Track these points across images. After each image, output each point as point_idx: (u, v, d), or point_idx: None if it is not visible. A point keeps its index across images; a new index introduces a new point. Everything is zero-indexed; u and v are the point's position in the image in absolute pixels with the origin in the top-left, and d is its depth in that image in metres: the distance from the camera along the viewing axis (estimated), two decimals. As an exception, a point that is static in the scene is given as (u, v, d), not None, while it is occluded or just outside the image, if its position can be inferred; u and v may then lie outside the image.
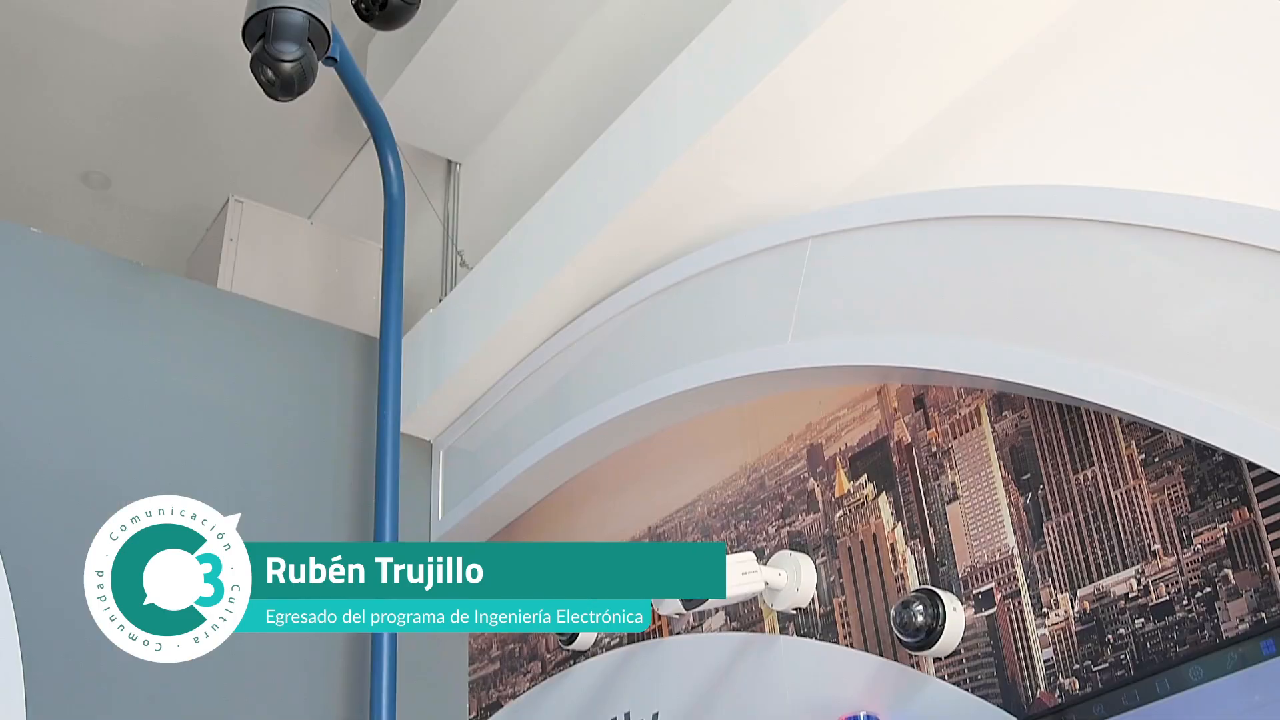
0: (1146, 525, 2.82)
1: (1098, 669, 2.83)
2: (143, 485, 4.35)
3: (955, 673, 3.12)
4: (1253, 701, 2.36)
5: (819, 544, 3.61)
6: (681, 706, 3.87)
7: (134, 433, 4.47)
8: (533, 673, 4.59)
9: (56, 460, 4.25)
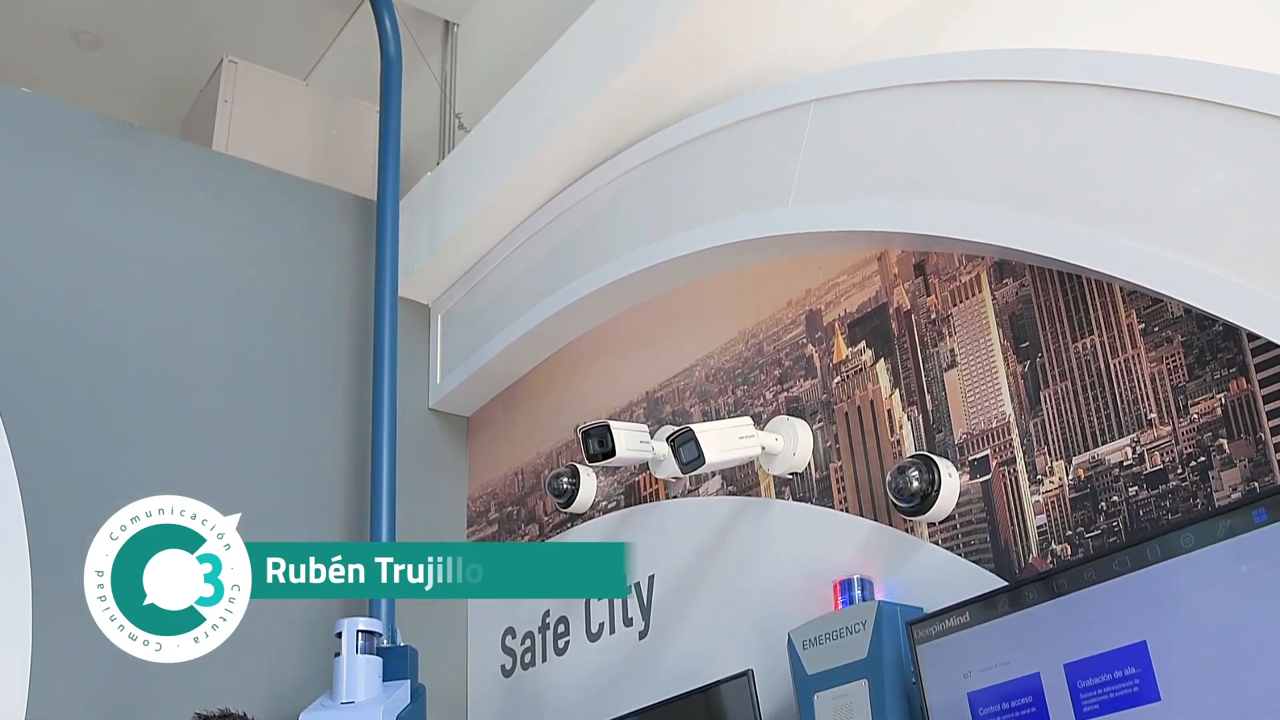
0: (1144, 394, 2.82)
1: (1090, 535, 2.86)
2: (136, 349, 4.39)
3: (949, 538, 3.15)
4: (1239, 571, 2.38)
5: (816, 409, 3.62)
6: (677, 569, 3.92)
7: (128, 295, 4.46)
8: (530, 535, 4.65)
9: (50, 322, 4.24)
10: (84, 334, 4.30)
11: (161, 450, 4.32)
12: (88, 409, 4.22)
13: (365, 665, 3.99)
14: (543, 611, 4.44)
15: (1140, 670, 2.49)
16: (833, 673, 3.05)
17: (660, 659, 3.90)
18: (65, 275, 4.34)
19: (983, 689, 2.75)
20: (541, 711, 4.31)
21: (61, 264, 4.35)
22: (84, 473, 4.13)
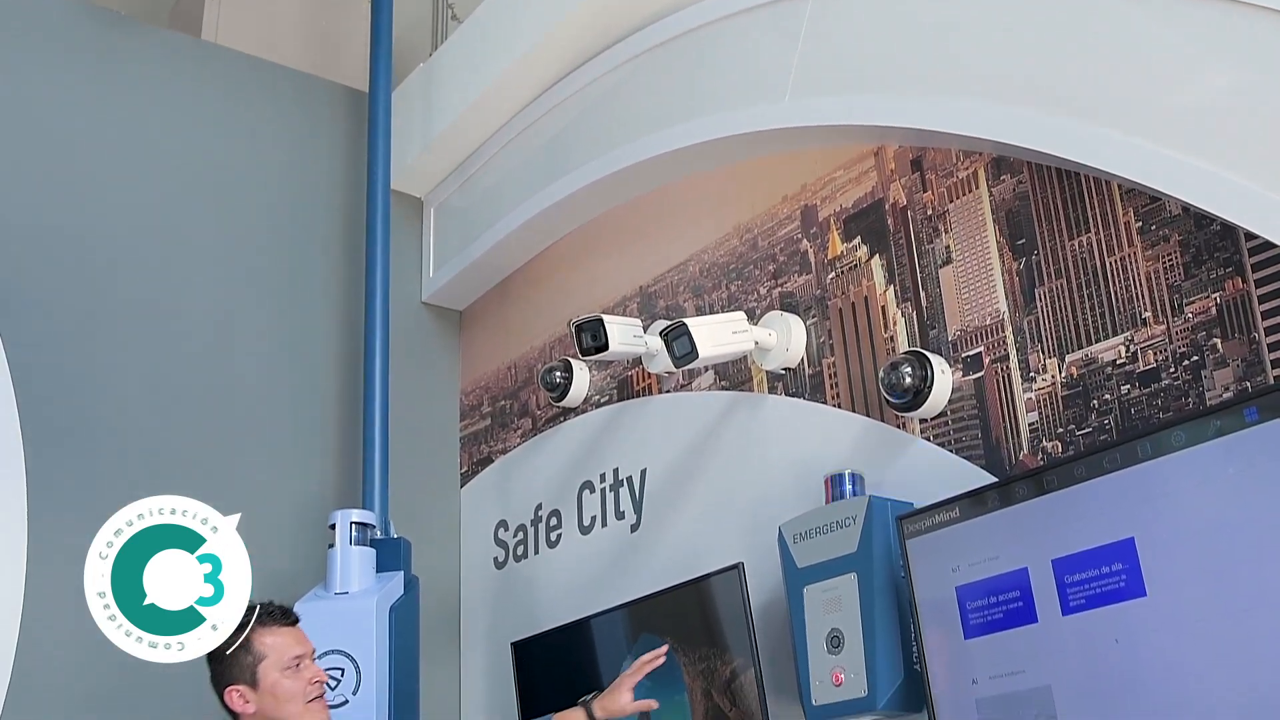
0: (1139, 293, 2.82)
1: (1081, 433, 2.87)
2: (125, 245, 4.36)
3: (940, 434, 3.16)
4: (1229, 470, 2.39)
5: (810, 305, 3.61)
6: (669, 463, 3.95)
7: (116, 190, 4.41)
8: (523, 428, 4.66)
9: (37, 218, 4.20)
10: (70, 229, 4.26)
11: (153, 348, 4.31)
12: (77, 306, 4.20)
13: (359, 557, 4.03)
14: (535, 504, 4.47)
15: (1127, 566, 2.52)
16: (822, 566, 3.08)
17: (652, 552, 3.93)
18: (51, 168, 4.29)
19: (971, 583, 2.79)
20: (533, 603, 4.36)
21: (47, 156, 4.29)
22: (75, 373, 4.13)
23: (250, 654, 2.67)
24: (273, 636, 2.70)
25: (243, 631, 2.67)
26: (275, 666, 2.67)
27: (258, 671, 2.66)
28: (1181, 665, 2.41)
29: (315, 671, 2.72)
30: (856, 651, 2.97)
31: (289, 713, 2.66)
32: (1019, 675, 2.68)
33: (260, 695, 2.66)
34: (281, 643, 2.70)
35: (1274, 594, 2.30)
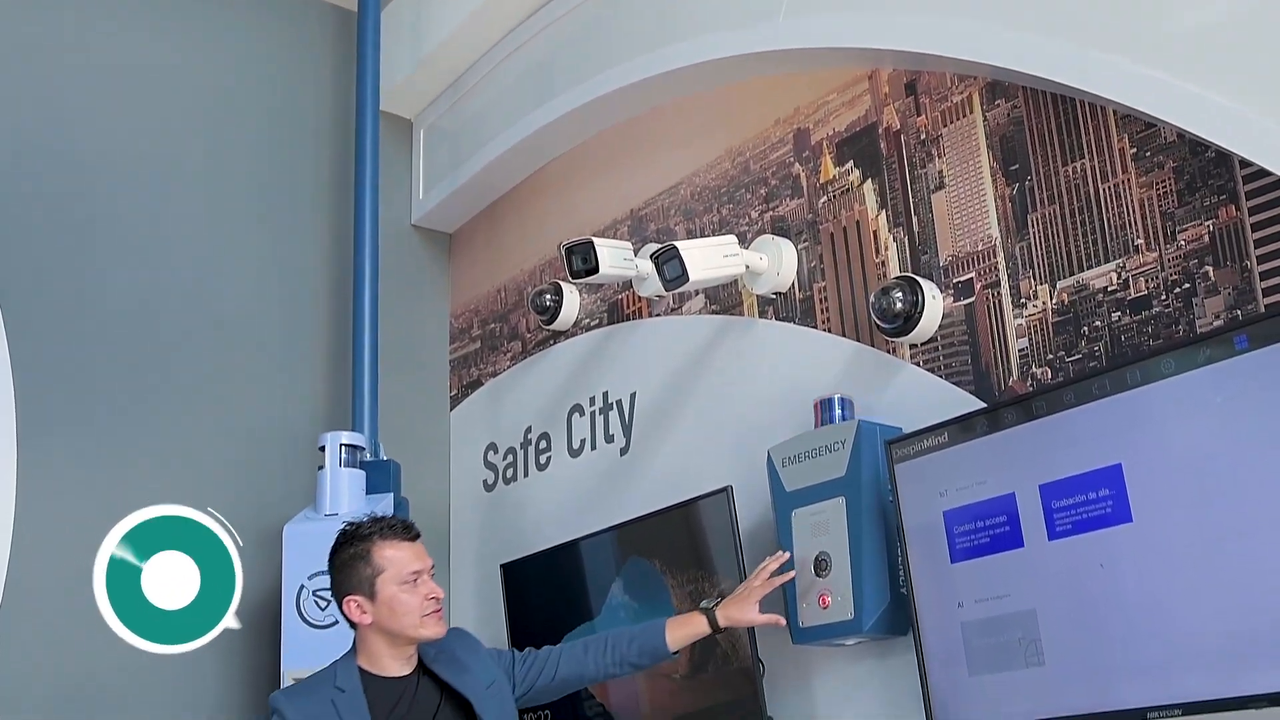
0: (1132, 220, 2.81)
1: (1071, 359, 2.87)
2: (110, 166, 4.31)
3: (930, 359, 3.17)
4: (1218, 397, 2.39)
5: (802, 229, 3.60)
6: (659, 387, 3.95)
7: (103, 110, 4.35)
8: (513, 351, 4.66)
9: (20, 136, 4.14)
10: (56, 151, 4.21)
11: (140, 271, 4.29)
12: (62, 230, 4.16)
13: (348, 478, 4.05)
14: (524, 427, 4.48)
15: (1114, 492, 2.53)
16: (811, 490, 3.09)
17: (641, 475, 3.94)
18: (36, 89, 4.22)
19: (958, 508, 2.80)
20: (522, 525, 4.38)
21: (32, 77, 4.23)
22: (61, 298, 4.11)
23: (370, 566, 2.74)
24: (393, 550, 2.76)
25: (364, 542, 2.75)
26: (393, 580, 2.73)
27: (376, 584, 2.73)
28: (1165, 591, 2.44)
29: (432, 588, 2.78)
30: (843, 575, 2.99)
31: (404, 625, 2.73)
32: (1004, 599, 2.70)
33: (377, 607, 2.73)
34: (401, 557, 2.76)
35: (1258, 521, 2.32)
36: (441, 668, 2.79)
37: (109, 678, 3.91)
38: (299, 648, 3.78)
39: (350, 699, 2.69)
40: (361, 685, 2.72)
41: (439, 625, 2.77)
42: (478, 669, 2.83)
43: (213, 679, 4.10)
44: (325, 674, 2.78)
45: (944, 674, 2.81)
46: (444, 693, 2.77)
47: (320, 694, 2.71)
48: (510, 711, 2.85)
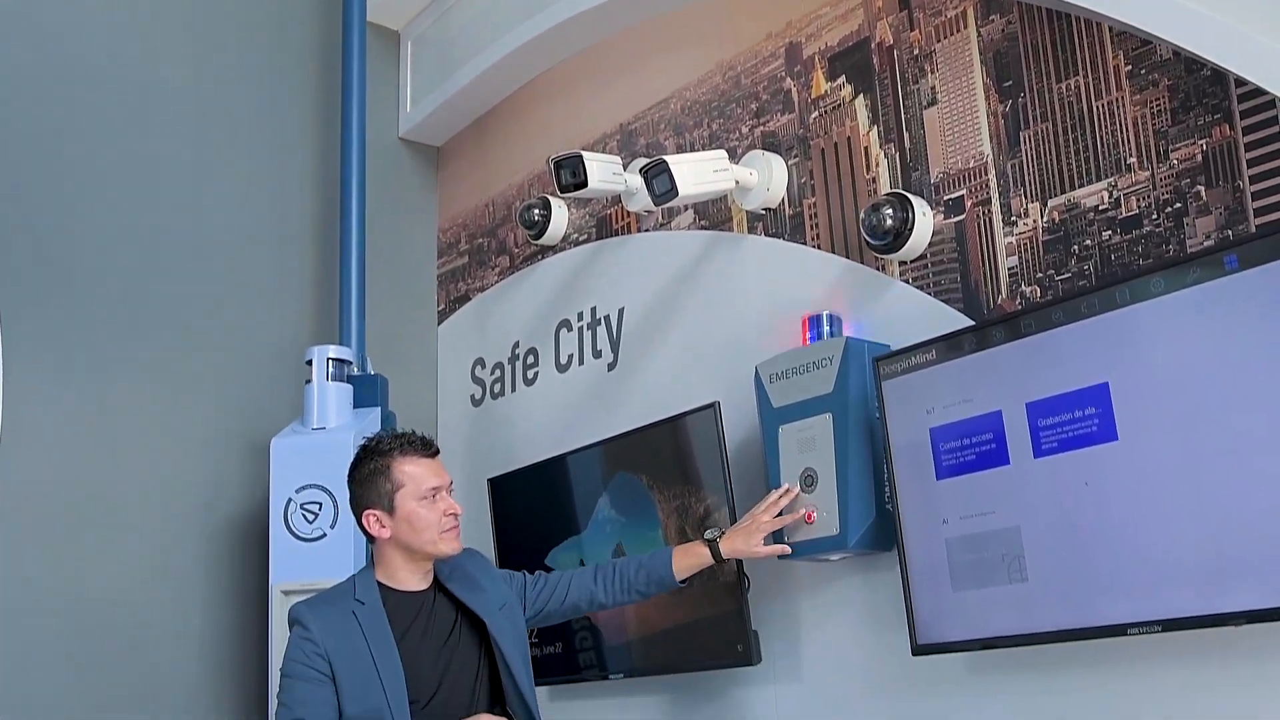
0: (1125, 138, 2.79)
1: (1060, 278, 2.87)
2: (97, 83, 4.25)
3: (919, 277, 3.16)
4: (1207, 317, 2.39)
5: (792, 144, 3.57)
6: (647, 302, 3.94)
7: (85, 28, 4.25)
8: (501, 266, 4.64)
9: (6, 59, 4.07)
10: (40, 71, 4.13)
11: (126, 186, 4.25)
12: (48, 149, 4.11)
13: (336, 393, 4.05)
14: (512, 343, 4.48)
15: (1100, 411, 2.54)
16: (798, 406, 3.10)
17: (628, 390, 3.95)
18: (16, 8, 4.14)
19: (944, 425, 2.81)
20: (510, 440, 4.39)
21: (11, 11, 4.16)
22: (49, 215, 4.07)
23: (389, 481, 2.76)
24: (412, 465, 2.78)
25: (384, 457, 2.77)
26: (412, 495, 2.75)
27: (395, 499, 2.75)
28: (1149, 509, 2.45)
29: (450, 504, 2.79)
30: (829, 491, 3.01)
31: (423, 541, 2.75)
32: (989, 516, 2.72)
33: (396, 522, 2.75)
34: (420, 472, 2.77)
35: (1243, 441, 2.33)
36: (456, 586, 2.82)
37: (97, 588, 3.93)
38: (287, 561, 3.81)
39: (370, 612, 2.72)
40: (381, 599, 2.75)
41: (456, 541, 2.79)
42: (492, 590, 2.87)
43: (201, 590, 4.13)
44: (344, 587, 2.81)
45: (927, 589, 2.84)
46: (459, 610, 2.80)
47: (341, 606, 2.74)
48: (521, 633, 2.89)
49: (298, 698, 2.65)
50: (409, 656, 2.69)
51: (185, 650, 4.06)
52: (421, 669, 2.69)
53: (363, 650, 2.66)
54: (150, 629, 4.01)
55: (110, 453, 4.05)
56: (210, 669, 4.09)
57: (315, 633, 2.68)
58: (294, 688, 2.66)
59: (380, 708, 2.62)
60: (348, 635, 2.68)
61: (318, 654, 2.66)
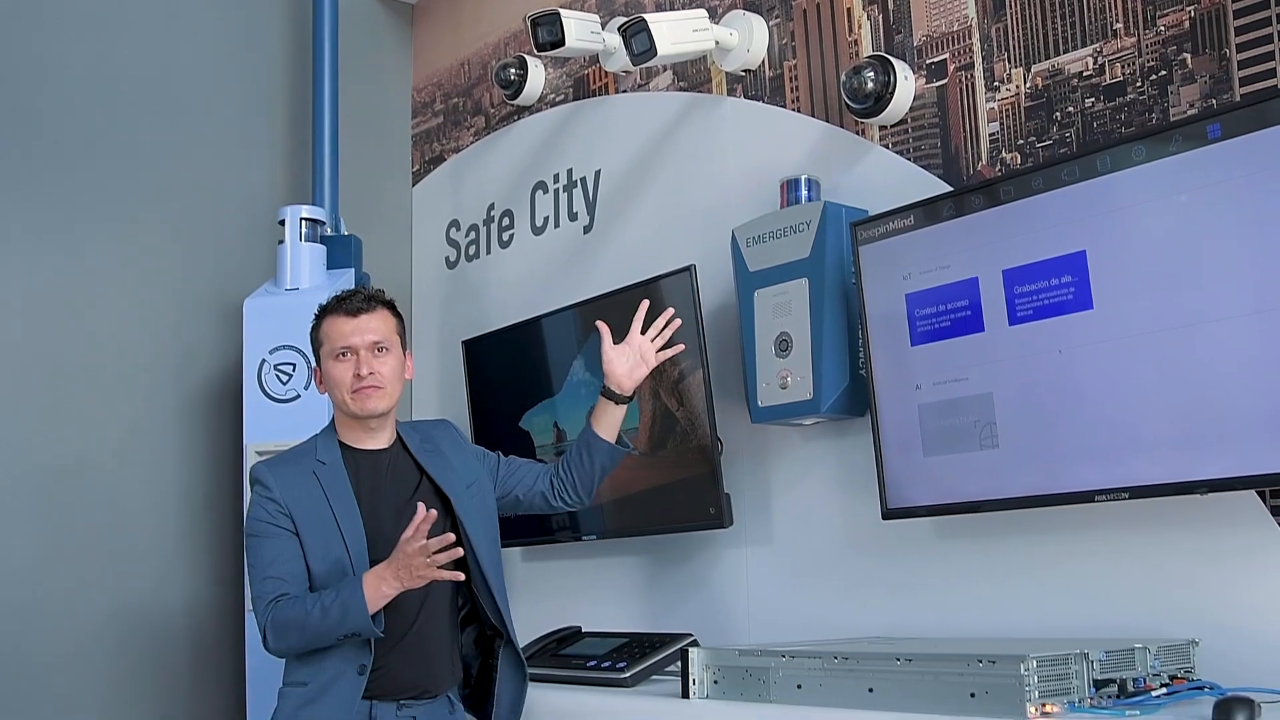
0: (1111, 3, 2.74)
1: (1042, 145, 2.84)
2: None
3: (899, 142, 3.13)
4: (1187, 186, 2.38)
5: (774, 5, 3.50)
6: (624, 164, 3.90)
7: None
8: (476, 127, 4.57)
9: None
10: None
11: (97, 41, 4.16)
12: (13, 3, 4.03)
13: (309, 253, 4.02)
14: (487, 204, 4.44)
15: (1076, 279, 2.54)
16: (774, 270, 3.09)
17: (604, 253, 3.93)
18: None
19: (920, 291, 2.81)
20: (485, 302, 4.37)
21: None
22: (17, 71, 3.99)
23: (317, 339, 2.81)
24: (330, 324, 2.80)
25: (319, 316, 2.82)
26: (329, 354, 2.78)
27: (320, 356, 2.80)
28: (1121, 378, 2.46)
29: (361, 364, 2.75)
30: (804, 355, 3.01)
31: (337, 399, 2.79)
32: (962, 382, 2.73)
33: (325, 379, 2.80)
34: (335, 331, 2.78)
35: (1217, 312, 2.33)
36: (426, 459, 2.82)
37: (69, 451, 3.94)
38: (260, 421, 3.81)
39: (331, 470, 2.73)
40: (342, 458, 2.76)
41: (369, 401, 2.75)
42: (462, 467, 2.87)
43: (174, 452, 4.13)
44: (306, 447, 2.82)
45: (899, 455, 2.86)
46: (423, 476, 2.81)
47: (303, 465, 2.75)
48: (490, 511, 2.89)
49: (266, 557, 2.66)
50: (370, 513, 2.70)
51: (159, 512, 4.09)
52: (383, 525, 2.69)
53: (324, 507, 2.68)
54: (123, 491, 4.02)
55: (81, 315, 4.02)
56: (184, 530, 4.12)
57: (276, 491, 2.69)
58: (261, 547, 2.68)
59: (341, 561, 2.64)
60: (309, 493, 2.70)
61: (281, 512, 2.68)
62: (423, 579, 2.58)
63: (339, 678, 2.63)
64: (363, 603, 2.56)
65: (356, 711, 2.62)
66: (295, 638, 2.60)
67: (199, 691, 4.07)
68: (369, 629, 2.57)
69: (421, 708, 2.71)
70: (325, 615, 2.56)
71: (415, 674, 2.70)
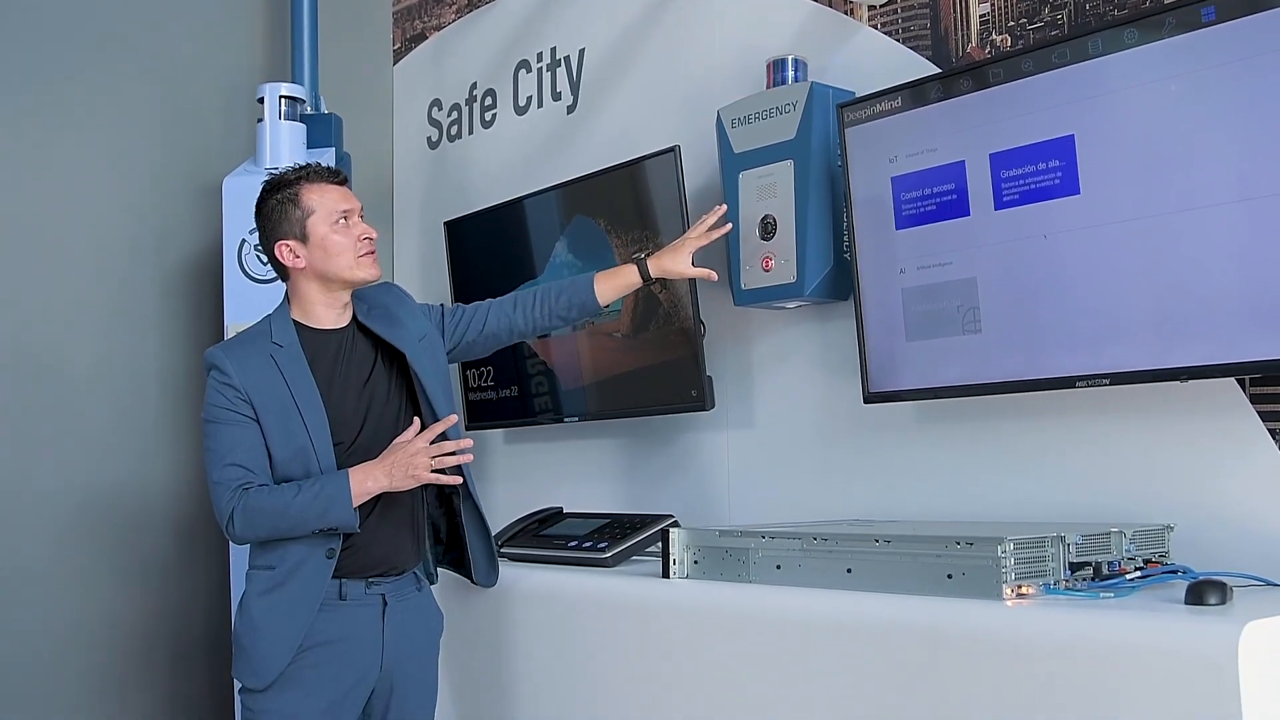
0: (1108, -122, 2.68)
1: (1033, 27, 2.80)
2: None
3: (888, 23, 3.08)
4: (1178, 70, 2.34)
5: (763, -119, 3.42)
6: (608, 43, 3.84)
7: None
8: (458, 4, 4.49)
9: None
10: None
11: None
12: None
13: (289, 132, 3.97)
14: (470, 84, 4.37)
15: (1064, 164, 2.52)
16: (759, 152, 3.06)
17: (588, 134, 3.88)
18: None
19: (907, 174, 2.78)
20: (467, 183, 4.33)
21: None
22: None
23: (299, 209, 2.69)
24: (319, 193, 2.71)
25: (291, 187, 2.70)
26: (324, 221, 2.69)
27: (307, 226, 2.69)
28: (1105, 264, 2.45)
29: (365, 228, 2.73)
30: (788, 238, 2.99)
31: (340, 266, 2.70)
32: (946, 267, 2.72)
33: (310, 250, 2.69)
34: (329, 198, 2.71)
35: (1205, 199, 2.31)
36: (375, 322, 2.77)
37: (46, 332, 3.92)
38: (241, 301, 3.79)
39: (288, 353, 2.67)
40: (299, 339, 2.70)
41: (374, 266, 2.74)
42: (410, 323, 2.82)
43: (154, 331, 4.12)
44: (259, 329, 2.74)
45: (882, 339, 2.86)
46: (379, 347, 2.77)
47: (258, 348, 2.68)
48: (441, 364, 2.86)
49: (227, 443, 2.61)
50: (330, 396, 2.66)
51: (141, 393, 4.08)
52: (344, 409, 2.67)
53: (283, 392, 2.63)
54: (103, 372, 4.01)
55: (57, 194, 3.98)
56: (165, 410, 4.12)
57: (234, 376, 2.62)
58: (220, 433, 2.63)
59: (305, 448, 2.61)
60: (267, 378, 2.63)
61: (240, 398, 2.61)
62: (417, 480, 2.59)
63: (306, 560, 2.62)
64: (348, 499, 2.56)
65: (327, 591, 2.63)
66: (267, 526, 2.58)
67: (182, 569, 4.10)
68: (349, 524, 2.58)
69: (389, 584, 2.71)
70: (306, 507, 2.55)
71: (381, 551, 2.70)
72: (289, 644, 2.61)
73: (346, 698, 2.66)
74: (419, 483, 2.61)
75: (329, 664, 2.63)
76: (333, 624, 2.64)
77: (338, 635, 2.64)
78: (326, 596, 2.63)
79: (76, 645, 3.90)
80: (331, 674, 2.64)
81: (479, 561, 2.90)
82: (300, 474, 2.61)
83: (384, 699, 2.72)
